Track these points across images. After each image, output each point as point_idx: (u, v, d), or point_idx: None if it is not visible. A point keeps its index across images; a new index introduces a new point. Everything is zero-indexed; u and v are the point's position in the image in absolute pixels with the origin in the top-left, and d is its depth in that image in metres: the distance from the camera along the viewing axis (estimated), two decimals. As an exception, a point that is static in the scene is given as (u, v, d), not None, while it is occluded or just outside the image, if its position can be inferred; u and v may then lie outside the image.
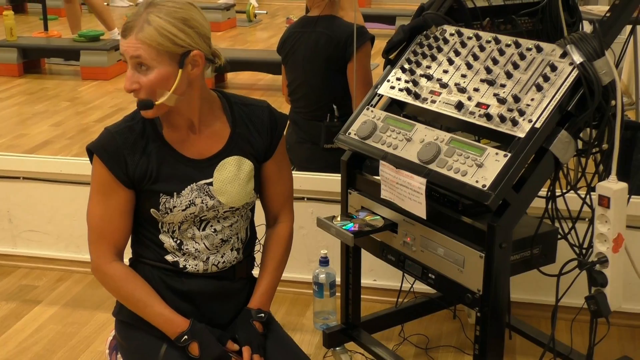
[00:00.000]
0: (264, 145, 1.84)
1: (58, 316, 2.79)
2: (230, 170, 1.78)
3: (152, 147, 1.74)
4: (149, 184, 1.73)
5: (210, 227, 1.79)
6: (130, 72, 1.66)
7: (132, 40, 1.63)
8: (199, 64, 1.70)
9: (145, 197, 1.75)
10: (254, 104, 1.87)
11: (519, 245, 1.88)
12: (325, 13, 3.05)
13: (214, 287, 1.82)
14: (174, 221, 1.76)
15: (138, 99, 1.68)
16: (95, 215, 1.75)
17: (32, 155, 3.27)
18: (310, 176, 2.87)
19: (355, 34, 2.93)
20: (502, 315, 1.79)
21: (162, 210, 1.75)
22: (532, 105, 1.69)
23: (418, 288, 2.49)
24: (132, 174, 1.72)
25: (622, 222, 1.72)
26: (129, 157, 1.72)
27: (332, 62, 3.00)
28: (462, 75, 1.88)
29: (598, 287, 1.74)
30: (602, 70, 1.66)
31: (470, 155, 1.71)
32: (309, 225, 2.76)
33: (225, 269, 1.83)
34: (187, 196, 1.75)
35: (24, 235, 3.14)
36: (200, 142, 1.78)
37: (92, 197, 1.76)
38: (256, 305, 1.85)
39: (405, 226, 1.93)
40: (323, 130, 3.03)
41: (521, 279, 2.08)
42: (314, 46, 3.02)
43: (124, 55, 1.67)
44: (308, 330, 2.68)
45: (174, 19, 1.64)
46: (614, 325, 2.28)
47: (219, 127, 1.80)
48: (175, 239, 1.78)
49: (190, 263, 1.79)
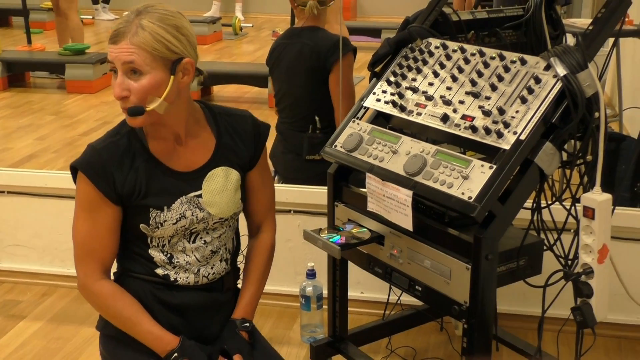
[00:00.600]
0: (249, 155, 1.84)
1: (43, 331, 2.76)
2: (218, 182, 1.78)
3: (139, 161, 1.73)
4: (138, 199, 1.72)
5: (200, 239, 1.79)
6: (121, 79, 1.63)
7: (125, 45, 1.61)
8: (190, 72, 1.69)
9: (134, 213, 1.74)
10: (237, 113, 1.87)
11: (505, 257, 1.88)
12: (309, 24, 3.06)
13: (204, 300, 1.81)
14: (165, 235, 1.75)
15: (128, 107, 1.65)
16: (82, 232, 1.73)
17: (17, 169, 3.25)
18: (296, 189, 2.87)
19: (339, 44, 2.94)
20: (489, 327, 1.79)
21: (152, 225, 1.73)
22: (517, 117, 1.71)
23: (405, 300, 2.49)
24: (120, 190, 1.71)
25: (607, 233, 1.73)
26: (117, 173, 1.70)
27: (314, 72, 3.01)
28: (448, 88, 1.89)
29: (584, 298, 1.75)
30: (586, 83, 1.68)
31: (456, 167, 1.72)
32: (296, 237, 2.76)
33: (214, 280, 1.82)
34: (178, 209, 1.74)
35: (9, 250, 3.11)
36: (187, 154, 1.77)
37: (78, 215, 1.74)
38: (240, 315, 1.84)
39: (392, 238, 1.93)
40: (305, 141, 3.04)
41: (507, 290, 2.09)
42: (297, 57, 3.04)
43: (114, 62, 1.64)
44: (295, 344, 2.67)
45: (167, 26, 1.64)
46: (600, 336, 2.29)
47: (205, 138, 1.80)
48: (165, 252, 1.77)
49: (181, 276, 1.78)
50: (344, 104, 2.96)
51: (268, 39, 7.87)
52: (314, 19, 3.06)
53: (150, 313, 1.76)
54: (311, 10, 3.02)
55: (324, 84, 3.01)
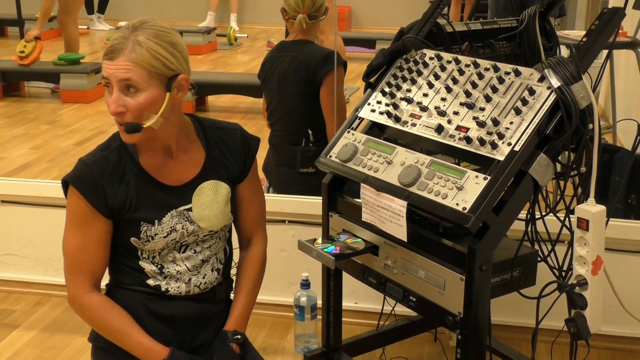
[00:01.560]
0: (238, 168, 1.85)
1: (36, 340, 2.75)
2: (207, 195, 1.79)
3: (129, 175, 1.73)
4: (129, 213, 1.72)
5: (190, 249, 1.80)
6: (117, 95, 1.63)
7: (121, 61, 1.61)
8: (184, 87, 1.70)
9: (125, 226, 1.74)
10: (227, 127, 1.87)
11: (499, 268, 1.89)
12: (299, 37, 3.08)
13: (196, 311, 1.81)
14: (155, 248, 1.76)
15: (125, 123, 1.65)
16: (72, 246, 1.73)
17: (11, 179, 3.24)
18: (291, 199, 2.87)
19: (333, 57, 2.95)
20: (483, 338, 1.79)
21: (143, 238, 1.74)
22: (511, 128, 1.71)
23: (399, 311, 2.48)
24: (111, 203, 1.71)
25: (601, 244, 1.73)
26: (108, 187, 1.70)
27: (304, 86, 3.01)
28: (442, 99, 1.90)
29: (578, 310, 1.75)
30: (580, 94, 1.69)
31: (450, 178, 1.72)
32: (290, 248, 2.75)
33: (206, 290, 1.82)
34: (168, 223, 1.75)
35: (2, 259, 3.10)
36: (177, 167, 1.78)
37: (69, 229, 1.74)
38: (232, 327, 1.84)
39: (386, 249, 1.93)
40: (298, 154, 3.04)
41: (502, 301, 2.09)
42: (287, 70, 3.05)
43: (109, 78, 1.63)
44: (289, 354, 2.67)
45: (164, 42, 1.64)
46: (594, 347, 2.29)
47: (194, 151, 1.80)
48: (156, 264, 1.78)
49: (172, 285, 1.78)
50: (336, 116, 2.97)
51: (263, 49, 7.87)
52: (304, 32, 3.07)
53: (141, 324, 1.76)
54: (300, 23, 3.03)
55: (315, 97, 3.02)
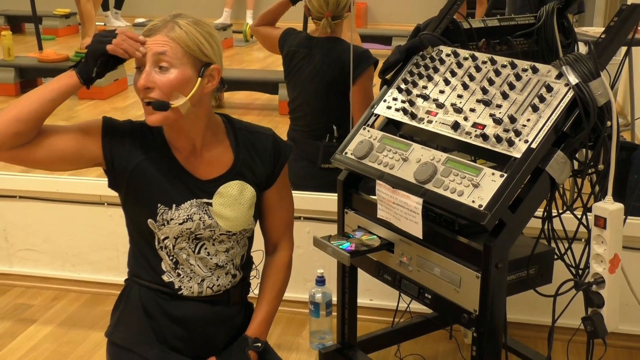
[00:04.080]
0: (266, 174, 1.83)
1: (53, 335, 2.77)
2: (231, 194, 1.77)
3: (157, 154, 1.73)
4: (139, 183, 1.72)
5: (204, 249, 1.78)
6: (149, 69, 1.63)
7: (159, 37, 1.63)
8: (215, 79, 1.71)
9: (142, 207, 1.73)
10: (260, 131, 1.86)
11: (515, 266, 1.88)
12: (326, 34, 3.06)
13: (208, 313, 1.80)
14: (170, 235, 1.74)
15: (153, 100, 1.63)
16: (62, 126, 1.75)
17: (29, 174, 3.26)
18: (306, 195, 2.87)
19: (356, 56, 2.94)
20: (499, 336, 1.78)
21: (159, 221, 1.72)
22: (528, 125, 1.70)
23: (414, 308, 2.48)
24: (118, 160, 1.71)
25: (618, 242, 1.72)
26: (128, 145, 1.71)
27: (335, 85, 3.00)
28: (459, 96, 1.89)
29: (594, 308, 1.74)
30: (598, 91, 1.67)
31: (466, 175, 1.72)
32: (306, 244, 2.76)
33: (219, 292, 1.81)
34: (186, 210, 1.73)
35: (20, 254, 3.13)
36: (202, 165, 1.77)
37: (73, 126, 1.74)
38: (253, 333, 1.83)
39: (402, 246, 1.93)
40: (321, 149, 3.03)
41: (517, 299, 2.08)
42: (317, 68, 3.03)
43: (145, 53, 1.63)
44: (304, 350, 2.67)
45: (202, 30, 1.68)
46: (610, 346, 2.27)
47: (221, 151, 1.79)
48: (171, 257, 1.77)
49: (186, 285, 1.77)
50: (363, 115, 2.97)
51: (279, 46, 7.87)
52: (333, 28, 3.06)
53: (155, 323, 1.76)
54: (324, 28, 3.03)
55: (344, 95, 3.01)
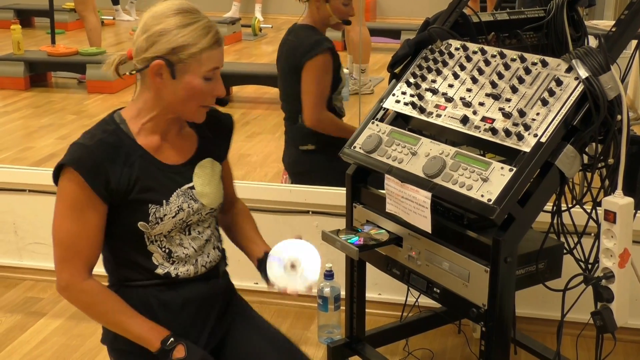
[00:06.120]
0: (224, 146, 1.91)
1: (63, 328, 2.79)
2: (207, 172, 1.82)
3: (134, 157, 1.72)
4: (134, 195, 1.71)
5: (194, 230, 1.81)
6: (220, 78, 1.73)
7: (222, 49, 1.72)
8: None
9: (131, 212, 1.72)
10: None
11: (525, 260, 1.87)
12: (304, 22, 3.08)
13: (205, 289, 1.83)
14: (163, 231, 1.74)
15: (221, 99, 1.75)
16: (69, 233, 1.70)
17: (38, 168, 3.28)
18: (314, 190, 2.87)
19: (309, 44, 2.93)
20: (508, 330, 1.78)
21: (152, 221, 1.72)
22: (538, 119, 1.70)
23: (423, 302, 2.48)
24: (114, 187, 1.68)
25: (628, 237, 1.71)
26: (111, 170, 1.68)
27: (293, 70, 3.01)
28: (468, 90, 1.88)
29: (604, 303, 1.73)
30: (608, 85, 1.66)
31: (475, 169, 1.71)
32: (314, 238, 2.75)
33: (212, 267, 1.85)
34: (175, 202, 1.74)
35: (30, 248, 3.14)
36: (174, 148, 1.80)
37: (63, 215, 1.71)
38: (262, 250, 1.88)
39: (410, 240, 1.93)
40: (296, 132, 3.07)
41: (526, 293, 2.08)
42: (285, 54, 3.07)
43: (218, 64, 1.71)
44: (312, 344, 2.68)
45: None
46: (620, 341, 2.27)
47: (187, 132, 1.84)
48: (163, 248, 1.77)
49: (181, 270, 1.78)
50: (307, 102, 2.97)
51: (287, 40, 7.87)
52: (311, 16, 3.04)
53: (155, 319, 1.75)
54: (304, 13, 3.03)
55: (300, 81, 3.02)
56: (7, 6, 8.93)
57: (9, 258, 3.17)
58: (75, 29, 8.42)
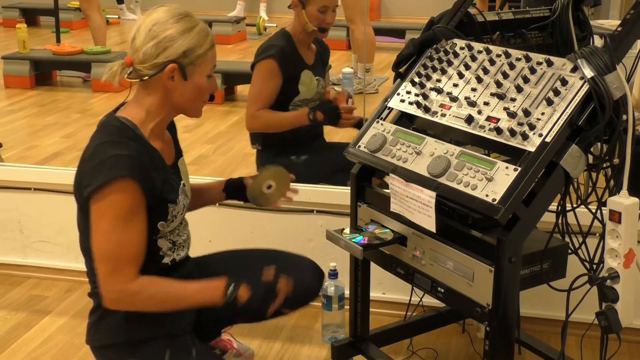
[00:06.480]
0: (177, 142, 2.02)
1: (67, 327, 2.79)
2: (184, 170, 1.97)
3: (157, 161, 1.81)
4: (163, 196, 1.81)
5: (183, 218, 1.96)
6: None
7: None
8: None
9: (156, 211, 1.80)
10: None
11: (529, 260, 1.87)
12: (287, 28, 3.09)
13: (191, 265, 2.00)
14: (173, 227, 1.88)
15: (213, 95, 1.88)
16: (118, 243, 1.71)
17: (43, 167, 3.28)
18: (319, 189, 2.87)
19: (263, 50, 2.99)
20: (512, 330, 1.78)
21: (169, 219, 1.84)
22: (543, 119, 1.69)
23: (427, 302, 2.48)
24: (157, 191, 1.77)
25: (633, 237, 1.71)
26: (155, 175, 1.77)
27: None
28: (472, 89, 1.88)
29: (609, 303, 1.73)
30: (613, 85, 1.66)
31: (480, 169, 1.71)
32: (318, 237, 2.76)
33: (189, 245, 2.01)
34: (181, 200, 1.88)
35: (35, 246, 3.15)
36: (167, 149, 1.91)
37: (114, 227, 1.70)
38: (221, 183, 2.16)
39: (415, 239, 1.92)
40: (250, 134, 3.11)
41: (531, 293, 2.07)
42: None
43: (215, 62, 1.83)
44: (316, 343, 2.68)
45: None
46: (625, 341, 2.26)
47: (167, 134, 1.95)
48: (169, 241, 1.89)
49: (179, 253, 1.92)
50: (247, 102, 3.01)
51: (292, 39, 7.87)
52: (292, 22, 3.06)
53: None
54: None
55: None
56: (12, 5, 8.95)
57: (14, 256, 3.17)
58: (80, 27, 8.43)
